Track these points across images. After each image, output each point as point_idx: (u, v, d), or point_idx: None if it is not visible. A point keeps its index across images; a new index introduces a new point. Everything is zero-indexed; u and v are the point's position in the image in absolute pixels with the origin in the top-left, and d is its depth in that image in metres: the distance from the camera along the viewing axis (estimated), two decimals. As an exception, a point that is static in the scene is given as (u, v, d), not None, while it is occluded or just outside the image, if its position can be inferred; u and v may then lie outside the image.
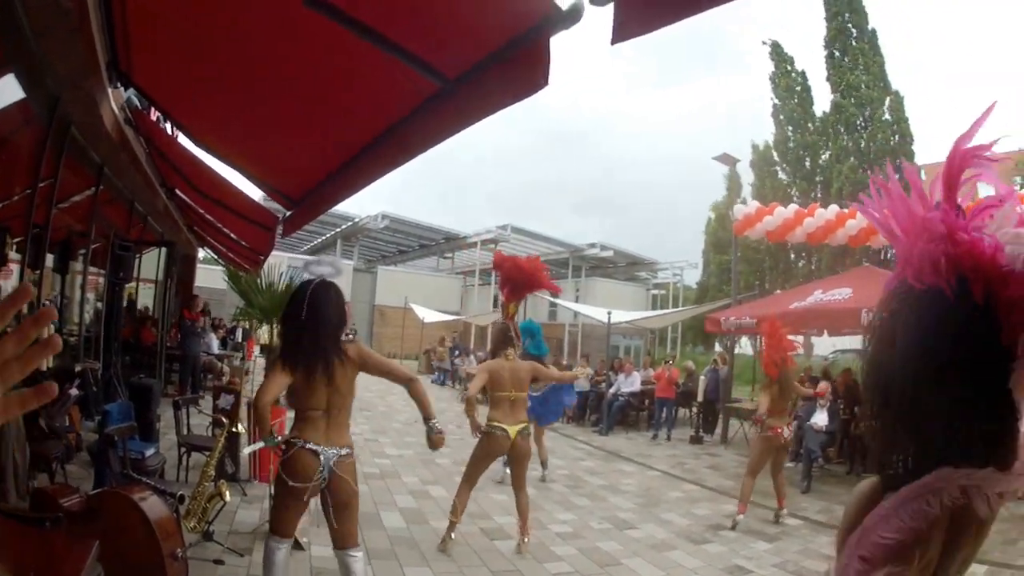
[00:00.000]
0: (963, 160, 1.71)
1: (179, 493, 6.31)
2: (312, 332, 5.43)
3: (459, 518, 8.46)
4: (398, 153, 4.17)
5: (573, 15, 2.57)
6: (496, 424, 8.47)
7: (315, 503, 5.84)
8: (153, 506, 5.28)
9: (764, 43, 45.49)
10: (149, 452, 8.75)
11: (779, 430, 10.70)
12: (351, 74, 4.10)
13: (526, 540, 8.76)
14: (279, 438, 5.80)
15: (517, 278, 9.80)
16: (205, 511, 7.13)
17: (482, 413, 8.59)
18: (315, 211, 6.55)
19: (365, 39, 3.34)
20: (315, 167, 5.74)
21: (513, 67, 2.89)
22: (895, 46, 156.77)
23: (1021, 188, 19.52)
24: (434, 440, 5.98)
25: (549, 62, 2.67)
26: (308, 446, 5.36)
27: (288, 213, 7.32)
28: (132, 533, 5.05)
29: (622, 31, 2.30)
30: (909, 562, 1.54)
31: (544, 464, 13.38)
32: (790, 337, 11.41)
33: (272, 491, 5.74)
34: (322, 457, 5.36)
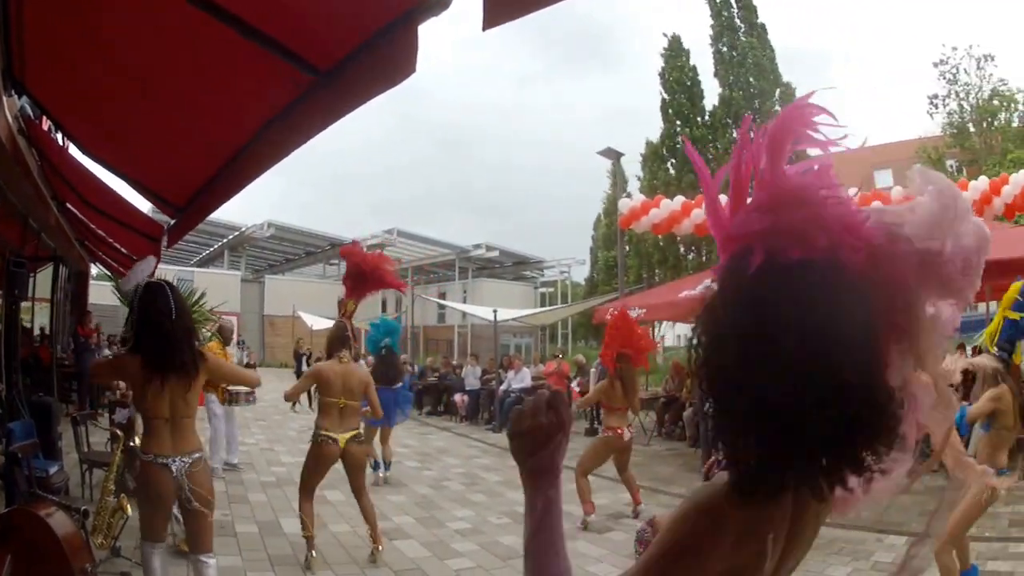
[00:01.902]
0: (786, 127, 1.58)
1: (83, 508, 6.28)
2: (170, 336, 5.36)
3: (312, 531, 8.17)
4: (276, 149, 4.25)
5: (441, 2, 2.68)
6: (325, 433, 8.20)
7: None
8: (60, 522, 5.24)
9: (664, 35, 46.07)
10: (53, 470, 8.64)
11: (620, 431, 10.46)
12: (227, 72, 4.14)
13: (380, 548, 8.43)
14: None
15: (362, 273, 9.41)
16: (110, 526, 7.09)
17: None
18: (199, 216, 6.55)
19: (237, 32, 3.41)
20: (198, 170, 5.74)
21: (383, 56, 2.98)
22: (836, 41, 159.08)
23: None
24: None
25: (417, 49, 2.76)
26: (158, 460, 5.33)
27: (172, 222, 7.32)
28: (42, 550, 5.02)
29: (492, 16, 2.39)
30: None
31: (387, 464, 13.16)
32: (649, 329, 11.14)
33: (176, 510, 5.81)
34: (173, 468, 5.34)
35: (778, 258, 1.47)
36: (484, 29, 2.43)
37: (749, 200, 1.59)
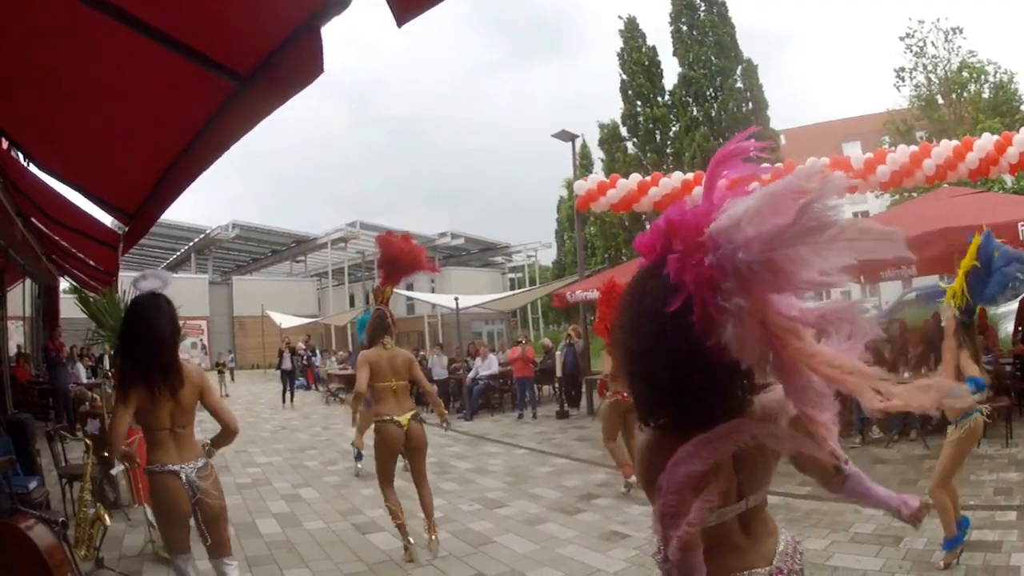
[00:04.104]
0: (719, 165, 2.23)
1: (61, 520, 6.33)
2: (148, 347, 5.42)
3: (402, 518, 8.21)
4: (211, 151, 4.45)
5: (341, 2, 2.86)
6: (385, 416, 8.14)
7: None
8: (40, 535, 5.27)
9: (620, 17, 45.75)
10: (33, 485, 8.57)
11: (624, 395, 10.47)
12: (157, 82, 4.22)
13: (434, 538, 8.33)
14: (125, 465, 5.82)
15: (400, 258, 9.37)
16: (91, 537, 7.13)
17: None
18: (149, 221, 6.62)
19: (160, 44, 3.52)
20: (144, 177, 5.81)
21: (293, 59, 3.15)
22: (798, 17, 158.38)
23: (889, 146, 20.25)
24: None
25: (322, 51, 2.93)
26: (167, 468, 5.38)
27: (126, 228, 7.37)
28: (25, 564, 5.07)
29: (403, 13, 2.59)
30: (708, 487, 2.03)
31: (358, 457, 13.21)
32: None
33: (151, 516, 5.87)
34: (183, 475, 5.39)
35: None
36: (399, 26, 2.63)
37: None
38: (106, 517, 7.21)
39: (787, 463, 2.55)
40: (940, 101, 37.39)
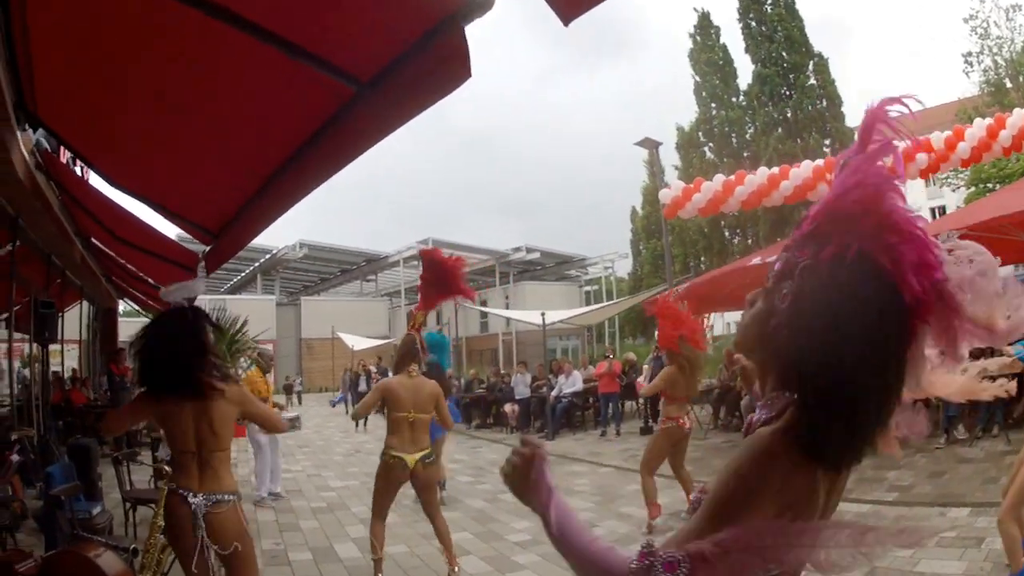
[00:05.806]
0: (874, 119, 1.83)
1: (132, 547, 6.24)
2: (168, 361, 5.03)
3: (380, 553, 7.87)
4: (318, 168, 4.06)
5: (484, 3, 2.60)
6: (393, 453, 7.77)
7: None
8: (109, 562, 5.04)
9: (695, 10, 45.64)
10: (96, 510, 8.59)
11: (682, 421, 10.20)
12: (259, 87, 3.96)
13: (456, 570, 8.07)
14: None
15: (443, 277, 9.07)
16: (159, 563, 6.85)
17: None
18: (238, 241, 6.34)
19: (268, 44, 3.25)
20: (233, 193, 5.52)
21: (432, 62, 2.83)
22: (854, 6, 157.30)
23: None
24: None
25: (468, 52, 2.68)
26: (179, 491, 4.97)
27: (207, 248, 7.07)
28: None
29: (570, 7, 2.42)
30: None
31: (441, 485, 12.08)
32: (699, 316, 10.78)
33: None
34: (192, 504, 4.93)
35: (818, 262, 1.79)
36: (566, 24, 2.50)
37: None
38: (180, 542, 6.95)
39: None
40: (1008, 85, 36.75)
